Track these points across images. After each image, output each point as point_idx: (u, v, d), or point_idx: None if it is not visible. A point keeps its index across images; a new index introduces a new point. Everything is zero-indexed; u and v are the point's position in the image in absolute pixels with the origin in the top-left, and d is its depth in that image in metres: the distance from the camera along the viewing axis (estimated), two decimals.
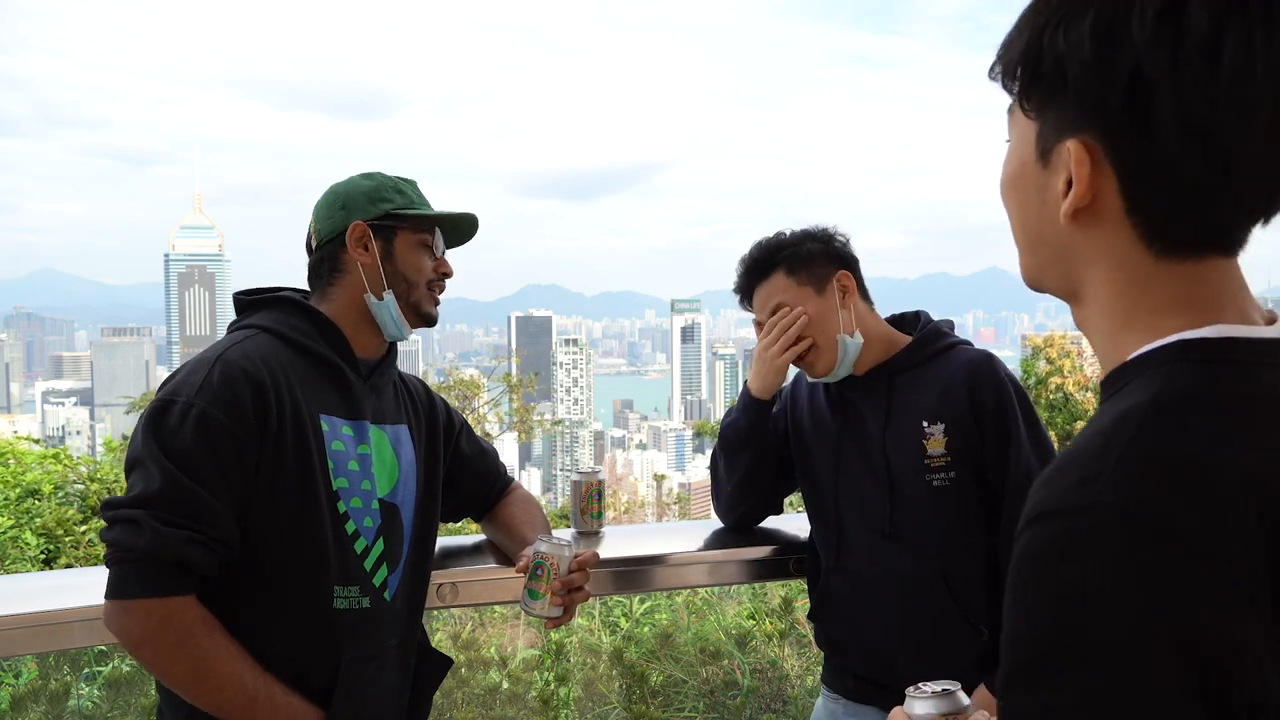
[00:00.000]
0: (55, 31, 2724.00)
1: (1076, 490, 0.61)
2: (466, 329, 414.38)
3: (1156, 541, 0.57)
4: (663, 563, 2.07)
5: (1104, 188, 0.68)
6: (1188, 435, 0.62)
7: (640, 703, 3.50)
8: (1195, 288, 0.69)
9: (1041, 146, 0.71)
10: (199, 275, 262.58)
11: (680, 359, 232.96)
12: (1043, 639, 0.60)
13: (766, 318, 1.90)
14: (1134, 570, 0.57)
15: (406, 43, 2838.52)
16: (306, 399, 1.47)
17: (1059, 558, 0.60)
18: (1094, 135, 0.67)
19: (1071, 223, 0.70)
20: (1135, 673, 0.56)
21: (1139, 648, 0.56)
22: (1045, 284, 0.78)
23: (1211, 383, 0.65)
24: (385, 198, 1.60)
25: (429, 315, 1.65)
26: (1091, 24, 0.64)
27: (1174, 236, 0.68)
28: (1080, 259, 0.72)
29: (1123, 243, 0.69)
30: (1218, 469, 0.60)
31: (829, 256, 1.88)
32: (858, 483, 1.88)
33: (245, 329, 1.53)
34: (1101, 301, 0.73)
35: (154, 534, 1.30)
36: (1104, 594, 0.58)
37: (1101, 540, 0.58)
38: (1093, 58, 0.64)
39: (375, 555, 1.54)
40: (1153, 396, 0.65)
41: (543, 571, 1.59)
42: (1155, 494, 0.59)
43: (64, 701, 3.26)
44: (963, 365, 1.83)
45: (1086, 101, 0.66)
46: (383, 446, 1.59)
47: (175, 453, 1.34)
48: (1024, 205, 0.76)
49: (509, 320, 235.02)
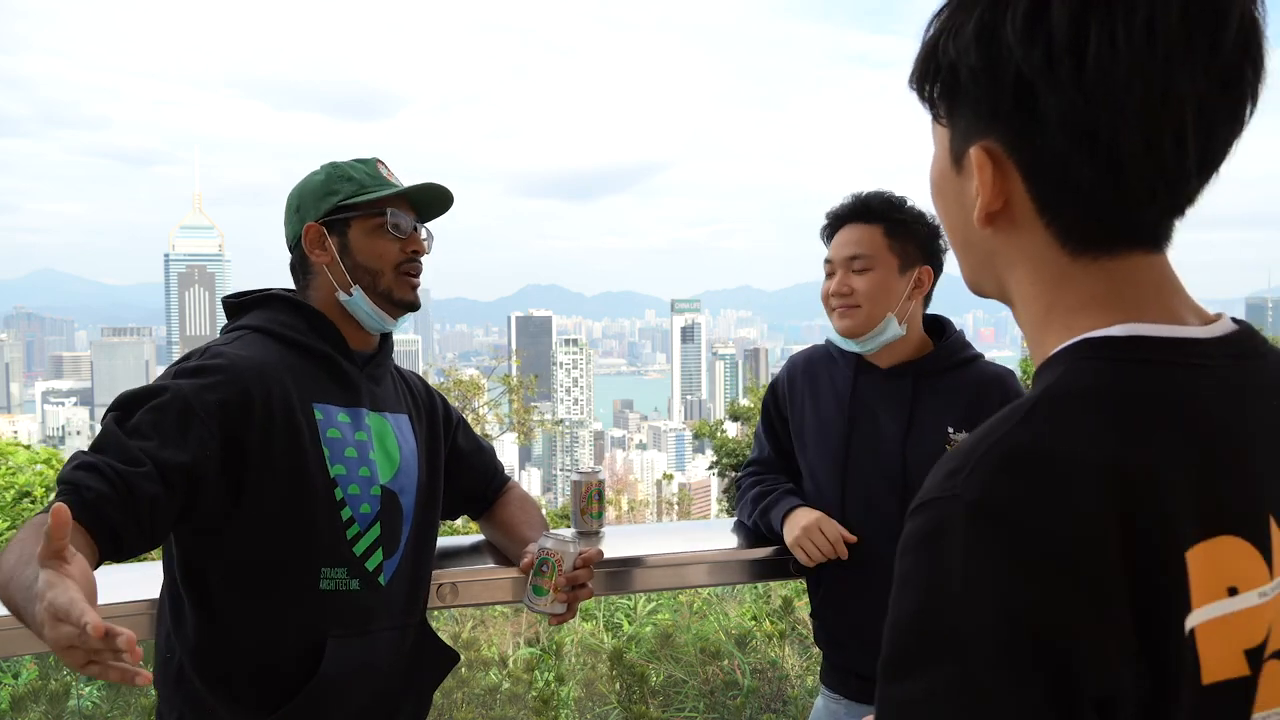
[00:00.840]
0: (55, 31, 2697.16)
1: (943, 482, 0.62)
2: (466, 329, 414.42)
3: (1002, 535, 0.58)
4: (663, 563, 2.07)
5: (1013, 190, 0.68)
6: (1056, 431, 0.62)
7: (640, 703, 3.50)
8: (1112, 286, 0.68)
9: (955, 153, 0.72)
10: (199, 275, 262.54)
11: (680, 359, 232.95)
12: (908, 630, 0.61)
13: (839, 258, 1.88)
14: (981, 563, 0.58)
15: (406, 43, 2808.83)
16: (299, 390, 1.48)
17: (922, 549, 0.61)
18: (995, 139, 0.67)
19: (988, 226, 0.71)
20: (983, 665, 0.57)
21: (986, 639, 0.57)
22: (983, 287, 0.78)
23: (1105, 381, 0.65)
24: (333, 190, 1.56)
25: (405, 301, 1.60)
26: (974, 29, 0.65)
27: (1086, 235, 0.68)
28: (1003, 261, 0.73)
29: (1039, 243, 0.69)
30: (1077, 465, 0.59)
31: (928, 248, 1.89)
32: (866, 482, 1.87)
33: (236, 329, 1.54)
34: (1025, 302, 0.73)
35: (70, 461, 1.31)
36: (955, 586, 0.58)
37: (954, 532, 0.59)
38: (979, 62, 0.65)
39: (370, 540, 1.54)
40: (1039, 393, 0.65)
41: (548, 568, 1.59)
42: (1006, 488, 0.59)
43: (64, 702, 3.26)
44: (991, 380, 1.88)
45: (982, 106, 0.67)
46: (384, 433, 1.59)
47: (126, 415, 1.36)
48: (948, 212, 0.76)
49: (509, 320, 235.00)
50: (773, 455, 2.09)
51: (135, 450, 1.31)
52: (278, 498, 1.44)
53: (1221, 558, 0.60)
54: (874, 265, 1.84)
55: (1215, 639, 0.60)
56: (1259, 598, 0.62)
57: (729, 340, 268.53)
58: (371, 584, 1.54)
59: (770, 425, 2.09)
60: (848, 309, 1.86)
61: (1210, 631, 0.59)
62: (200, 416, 1.37)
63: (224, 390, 1.40)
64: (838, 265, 1.88)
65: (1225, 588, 0.60)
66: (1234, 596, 0.60)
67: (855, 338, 1.89)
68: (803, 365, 2.04)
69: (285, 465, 1.44)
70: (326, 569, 1.49)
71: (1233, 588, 0.60)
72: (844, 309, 1.87)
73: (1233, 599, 0.60)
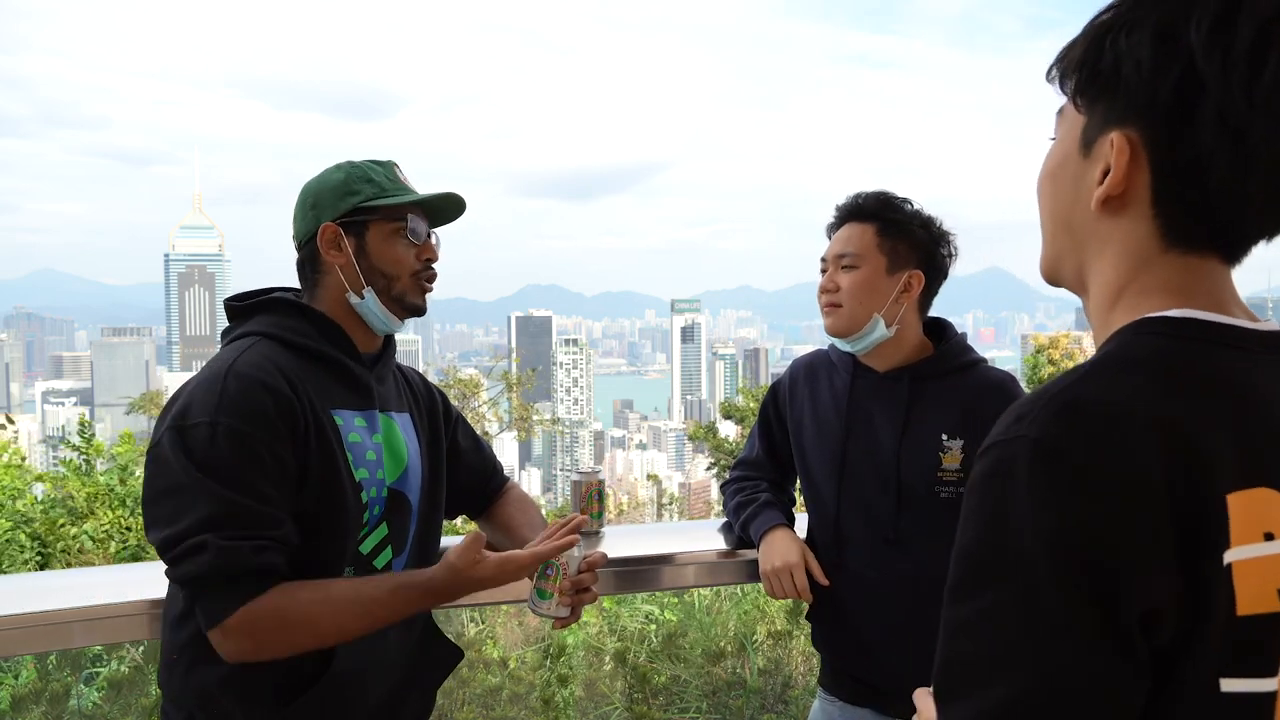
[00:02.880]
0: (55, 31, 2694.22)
1: (1010, 427, 0.71)
2: (466, 329, 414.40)
3: (1061, 469, 0.67)
4: (663, 563, 2.07)
5: (1136, 180, 0.76)
6: (1111, 386, 0.71)
7: (642, 703, 3.50)
8: (1185, 280, 0.77)
9: (1086, 139, 0.79)
10: (199, 275, 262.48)
11: (680, 359, 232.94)
12: (970, 555, 0.71)
13: (830, 255, 1.89)
14: (1041, 494, 0.67)
15: (406, 43, 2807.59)
16: (318, 398, 1.47)
17: (988, 483, 0.70)
18: (1137, 129, 0.74)
19: (1100, 209, 0.78)
20: (1040, 582, 0.66)
21: (1043, 560, 0.66)
22: (1061, 273, 0.86)
23: (1159, 350, 0.74)
24: (353, 190, 1.54)
25: (415, 306, 1.60)
26: (1153, 28, 0.72)
27: (1187, 232, 0.76)
28: (1096, 246, 0.81)
29: (1140, 233, 0.77)
30: (1126, 413, 0.68)
31: (922, 252, 1.86)
32: (862, 488, 1.87)
33: (244, 336, 1.51)
34: (1102, 285, 0.81)
35: (221, 552, 1.30)
36: (1016, 515, 0.67)
37: (1017, 468, 0.68)
38: (1150, 57, 0.72)
39: (376, 539, 1.54)
40: (1099, 357, 0.75)
41: (553, 571, 1.58)
42: (1063, 430, 0.68)
43: (64, 702, 3.26)
44: (990, 387, 1.85)
45: (1138, 97, 0.73)
46: (392, 434, 1.59)
47: (216, 471, 1.33)
48: (1059, 193, 0.83)
49: (509, 320, 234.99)
50: (761, 456, 2.09)
51: (267, 513, 1.36)
52: (315, 503, 1.43)
53: (1259, 506, 0.68)
54: (860, 264, 1.84)
55: (1251, 576, 0.67)
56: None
57: (729, 340, 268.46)
58: None
59: (767, 426, 2.09)
60: (832, 306, 1.87)
61: (1246, 569, 0.67)
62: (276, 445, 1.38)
63: (277, 409, 1.39)
64: (829, 263, 1.89)
65: (1262, 532, 0.68)
66: (1270, 541, 0.68)
67: (841, 336, 1.89)
68: (804, 368, 2.04)
69: (320, 474, 1.44)
70: (344, 569, 1.50)
71: (1269, 533, 0.68)
72: (829, 306, 1.88)
73: (1269, 543, 0.68)
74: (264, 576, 1.35)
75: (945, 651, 0.71)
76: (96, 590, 1.75)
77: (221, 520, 1.32)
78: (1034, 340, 12.16)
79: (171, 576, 1.37)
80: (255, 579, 1.34)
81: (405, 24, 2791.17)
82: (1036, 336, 12.30)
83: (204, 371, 1.45)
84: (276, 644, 1.37)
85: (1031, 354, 11.67)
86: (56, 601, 1.69)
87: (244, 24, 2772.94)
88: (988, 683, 0.67)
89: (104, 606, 1.69)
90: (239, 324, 1.56)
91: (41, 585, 1.95)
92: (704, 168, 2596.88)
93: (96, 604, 1.69)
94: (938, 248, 1.88)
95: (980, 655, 0.68)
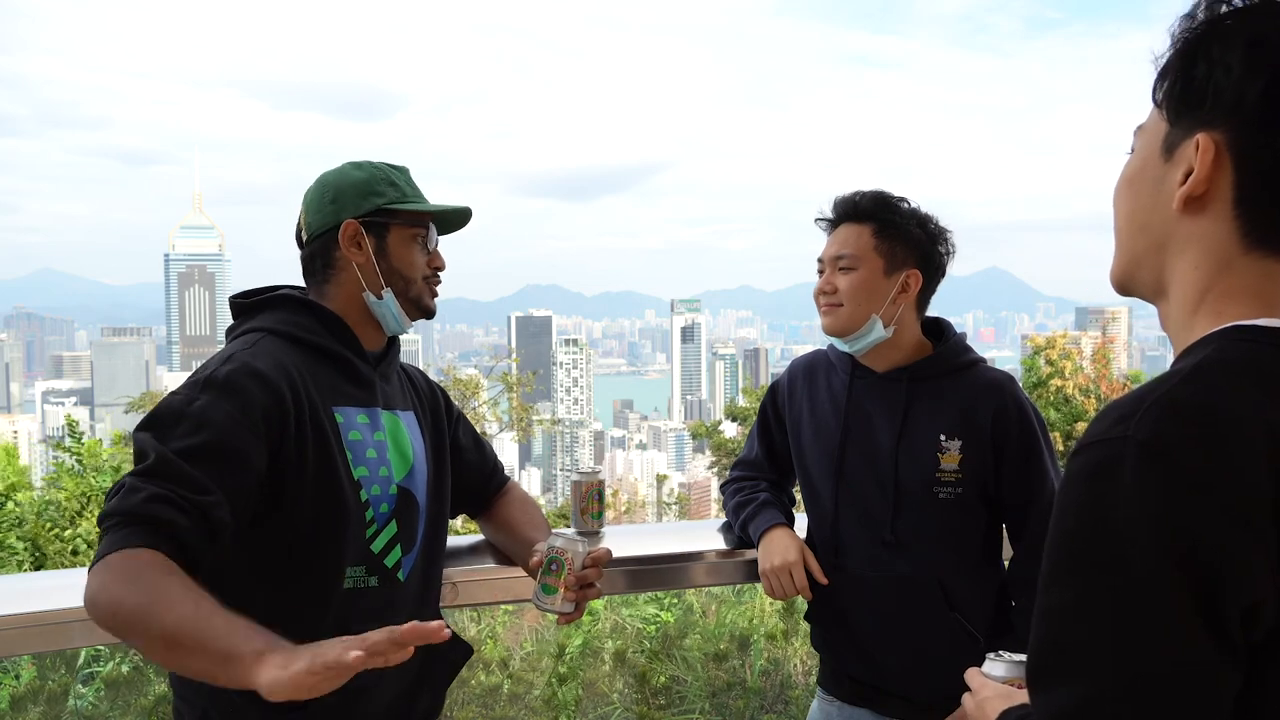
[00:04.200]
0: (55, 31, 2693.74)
1: (1112, 427, 0.73)
2: (466, 329, 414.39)
3: (1166, 469, 0.69)
4: (663, 563, 2.07)
5: (1219, 180, 0.79)
6: (1214, 390, 0.73)
7: (642, 703, 3.50)
8: (1268, 282, 0.79)
9: (1168, 144, 0.82)
10: (199, 275, 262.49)
11: (680, 359, 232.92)
12: (1065, 545, 0.73)
13: (827, 256, 1.88)
14: (1145, 491, 0.69)
15: (406, 43, 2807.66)
16: (320, 395, 1.47)
17: (1089, 479, 0.72)
18: (1222, 132, 0.78)
19: (1182, 210, 0.81)
20: (1137, 572, 0.68)
21: (1147, 555, 0.68)
22: (1136, 278, 0.88)
23: (1253, 357, 0.76)
24: (377, 191, 1.55)
25: (428, 308, 1.64)
26: (1246, 36, 0.76)
27: (1268, 234, 0.79)
28: (1175, 248, 0.83)
29: (1220, 233, 0.80)
30: (1233, 417, 0.71)
31: (919, 252, 1.86)
32: (860, 488, 1.87)
33: (250, 333, 1.51)
34: (1183, 287, 0.83)
35: (130, 492, 1.27)
36: (1118, 509, 0.70)
37: (1123, 466, 0.70)
38: (1241, 63, 0.76)
39: (387, 537, 1.54)
40: (1197, 362, 0.76)
41: (557, 567, 1.59)
42: (1172, 431, 0.70)
43: (63, 702, 3.26)
44: (987, 387, 1.84)
45: (1225, 100, 0.77)
46: (397, 431, 1.59)
47: (170, 437, 1.33)
48: (1138, 197, 0.86)
49: (509, 320, 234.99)
50: (760, 457, 2.09)
51: (201, 479, 1.29)
52: (309, 504, 1.43)
53: None
54: (858, 265, 1.83)
55: None
56: None
57: (729, 340, 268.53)
58: (391, 580, 1.54)
59: (766, 426, 2.08)
60: (831, 307, 1.86)
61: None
62: (249, 434, 1.36)
63: (263, 402, 1.38)
64: (826, 264, 1.89)
65: None
66: None
67: (839, 336, 1.88)
68: (803, 369, 2.03)
69: (316, 471, 1.43)
70: (349, 568, 1.49)
71: None
72: (827, 307, 1.87)
73: None
74: (156, 529, 1.25)
75: (1042, 636, 0.73)
76: None
77: (148, 471, 1.28)
78: (1033, 341, 12.17)
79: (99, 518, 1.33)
80: (146, 528, 1.25)
81: (405, 24, 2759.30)
82: (1034, 337, 12.31)
83: (208, 361, 1.46)
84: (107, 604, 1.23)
85: (1030, 354, 11.67)
86: (55, 601, 1.69)
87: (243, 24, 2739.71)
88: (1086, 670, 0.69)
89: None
90: (244, 320, 1.55)
91: (40, 585, 1.95)
92: (704, 168, 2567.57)
93: None
94: (935, 246, 1.88)
95: (1078, 641, 0.71)
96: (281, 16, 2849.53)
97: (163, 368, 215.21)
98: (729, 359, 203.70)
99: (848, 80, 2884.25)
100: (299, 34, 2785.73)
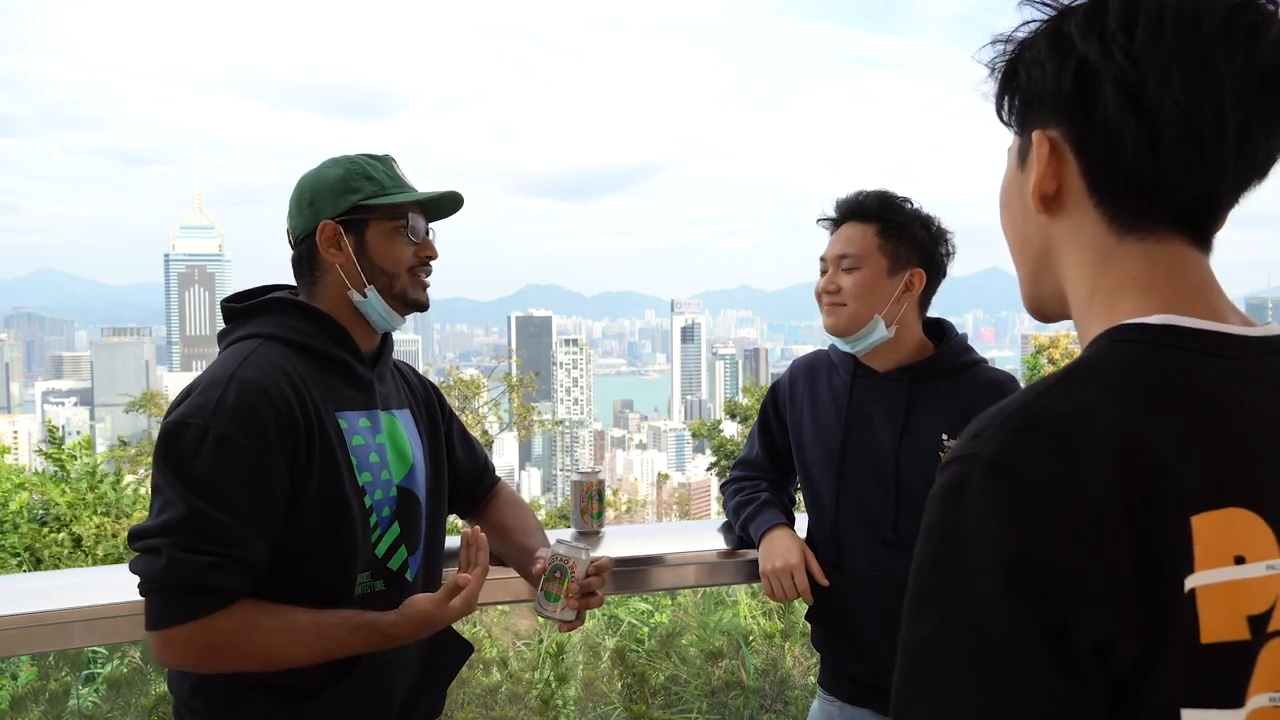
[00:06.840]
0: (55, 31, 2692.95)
1: (969, 442, 0.68)
2: (466, 329, 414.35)
3: (1012, 488, 0.64)
4: (663, 563, 2.07)
5: (1067, 174, 0.77)
6: (1072, 399, 0.68)
7: (640, 702, 3.50)
8: (1153, 269, 0.75)
9: (1021, 153, 0.81)
10: (199, 275, 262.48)
11: (680, 359, 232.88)
12: (924, 574, 0.68)
13: (830, 256, 1.88)
14: (990, 512, 0.64)
15: (406, 43, 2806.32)
16: (322, 401, 1.46)
17: (940, 500, 0.68)
18: (1054, 127, 0.77)
19: (1042, 210, 0.79)
20: (987, 604, 0.63)
21: (989, 581, 0.63)
22: (1042, 299, 0.85)
23: (1134, 361, 0.70)
24: (353, 188, 1.52)
25: (417, 302, 1.59)
26: (1046, 36, 0.76)
27: (1130, 213, 0.75)
28: (1056, 251, 0.80)
29: (1088, 224, 0.77)
30: (1087, 429, 0.65)
31: (922, 252, 1.86)
32: (861, 488, 1.87)
33: (248, 339, 1.49)
34: (1073, 285, 0.80)
35: (172, 562, 1.29)
36: (967, 532, 0.65)
37: (972, 485, 0.66)
38: (1050, 59, 0.76)
39: (390, 539, 1.53)
40: (1068, 368, 0.72)
41: (561, 574, 1.58)
42: (1020, 447, 0.65)
43: (63, 702, 3.26)
44: (988, 387, 1.84)
45: (1048, 96, 0.76)
46: (395, 432, 1.58)
47: (193, 478, 1.32)
48: (1012, 214, 0.84)
49: (509, 320, 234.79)
50: (761, 456, 2.09)
51: (233, 527, 1.33)
52: (315, 516, 1.42)
53: (1229, 527, 0.64)
54: (862, 265, 1.84)
55: (1216, 602, 0.63)
56: (1267, 569, 0.65)
57: (729, 340, 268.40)
58: (398, 581, 1.54)
59: (766, 426, 2.09)
60: (834, 306, 1.86)
61: (1212, 594, 0.63)
62: (269, 461, 1.36)
63: (275, 421, 1.37)
64: (829, 263, 1.89)
65: (1232, 555, 0.64)
66: (1240, 565, 0.64)
67: (841, 336, 1.88)
68: (804, 369, 2.04)
69: (321, 481, 1.42)
70: (358, 575, 1.48)
71: (1240, 556, 0.64)
72: (831, 306, 1.87)
73: (1239, 567, 0.64)
74: (212, 595, 1.32)
75: (902, 673, 0.68)
76: (95, 590, 1.75)
77: (182, 528, 1.30)
78: (1034, 340, 12.17)
79: (131, 568, 1.36)
80: (205, 597, 1.32)
81: (405, 24, 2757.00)
82: (1036, 336, 12.32)
83: (208, 373, 1.43)
84: (221, 663, 1.36)
85: (1031, 354, 11.67)
86: (56, 601, 1.69)
87: (243, 24, 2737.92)
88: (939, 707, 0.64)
89: (104, 606, 1.69)
90: (239, 325, 1.53)
91: (40, 585, 1.95)
92: (704, 168, 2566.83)
93: (96, 604, 1.69)
94: (937, 247, 1.88)
95: (933, 678, 0.65)
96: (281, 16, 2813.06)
97: (163, 368, 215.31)
98: (729, 359, 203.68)
99: (848, 80, 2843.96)
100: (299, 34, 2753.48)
